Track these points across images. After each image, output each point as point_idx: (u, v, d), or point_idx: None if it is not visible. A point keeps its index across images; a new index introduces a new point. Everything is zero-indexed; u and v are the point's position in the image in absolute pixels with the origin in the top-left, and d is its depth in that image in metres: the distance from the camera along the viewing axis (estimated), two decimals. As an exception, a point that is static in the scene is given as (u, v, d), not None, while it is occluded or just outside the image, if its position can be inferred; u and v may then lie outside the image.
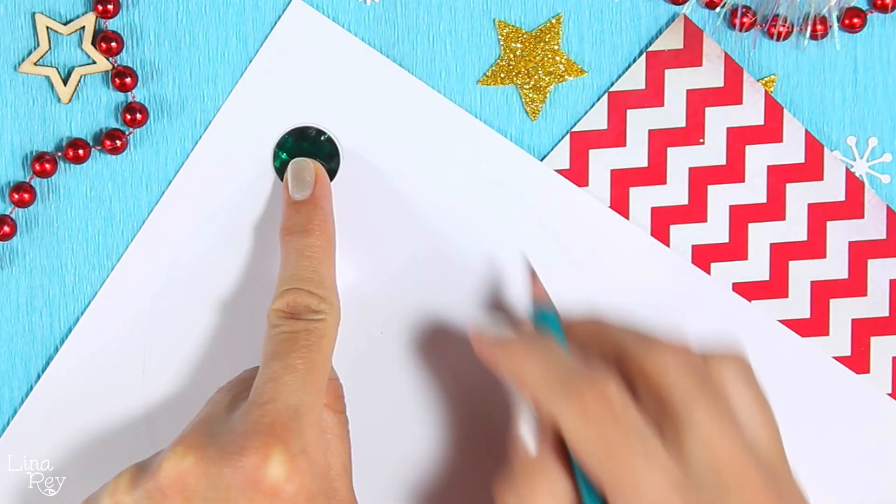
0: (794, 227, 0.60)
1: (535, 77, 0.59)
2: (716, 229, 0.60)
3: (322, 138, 0.59)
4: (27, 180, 0.59)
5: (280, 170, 0.59)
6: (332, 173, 0.59)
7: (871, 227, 0.60)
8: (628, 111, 0.59)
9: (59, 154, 0.59)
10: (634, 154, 0.60)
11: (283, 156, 0.59)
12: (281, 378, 0.52)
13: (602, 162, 0.60)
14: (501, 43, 0.59)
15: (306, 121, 0.59)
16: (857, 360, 0.60)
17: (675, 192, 0.60)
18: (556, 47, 0.59)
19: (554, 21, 0.59)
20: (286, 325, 0.54)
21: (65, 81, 0.59)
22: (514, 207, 0.59)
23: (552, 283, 0.59)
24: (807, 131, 0.60)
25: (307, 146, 0.59)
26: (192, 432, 0.53)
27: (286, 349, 0.53)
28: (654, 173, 0.60)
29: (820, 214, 0.60)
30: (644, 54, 0.59)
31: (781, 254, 0.60)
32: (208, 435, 0.52)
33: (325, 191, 0.58)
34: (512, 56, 0.59)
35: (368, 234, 0.60)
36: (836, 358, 0.60)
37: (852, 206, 0.60)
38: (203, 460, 0.51)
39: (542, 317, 0.54)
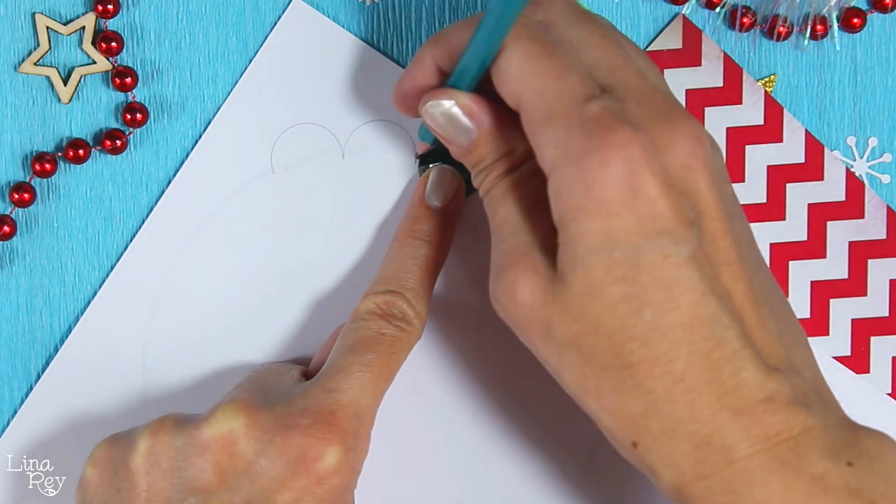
0: (794, 227, 0.60)
1: (535, 76, 0.59)
2: (716, 229, 0.60)
3: None
4: (27, 180, 0.59)
5: (423, 162, 0.58)
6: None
7: (871, 227, 0.60)
8: (628, 111, 0.59)
9: (59, 154, 0.59)
10: (634, 154, 0.59)
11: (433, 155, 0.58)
12: (354, 373, 0.53)
13: (602, 162, 0.59)
14: (500, 41, 0.59)
15: (306, 120, 0.59)
16: (857, 360, 0.60)
17: (674, 192, 0.60)
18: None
19: (552, 18, 0.59)
20: (375, 323, 0.55)
21: (65, 81, 0.59)
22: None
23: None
24: (807, 131, 0.60)
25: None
26: (244, 395, 0.53)
27: (367, 347, 0.54)
28: (654, 173, 0.60)
29: (820, 214, 0.60)
30: (644, 54, 0.59)
31: (781, 254, 0.60)
32: (263, 401, 0.53)
33: (458, 207, 0.58)
34: (511, 54, 0.59)
35: (366, 231, 0.60)
36: (836, 358, 0.60)
37: (852, 206, 0.60)
38: (255, 424, 0.52)
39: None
